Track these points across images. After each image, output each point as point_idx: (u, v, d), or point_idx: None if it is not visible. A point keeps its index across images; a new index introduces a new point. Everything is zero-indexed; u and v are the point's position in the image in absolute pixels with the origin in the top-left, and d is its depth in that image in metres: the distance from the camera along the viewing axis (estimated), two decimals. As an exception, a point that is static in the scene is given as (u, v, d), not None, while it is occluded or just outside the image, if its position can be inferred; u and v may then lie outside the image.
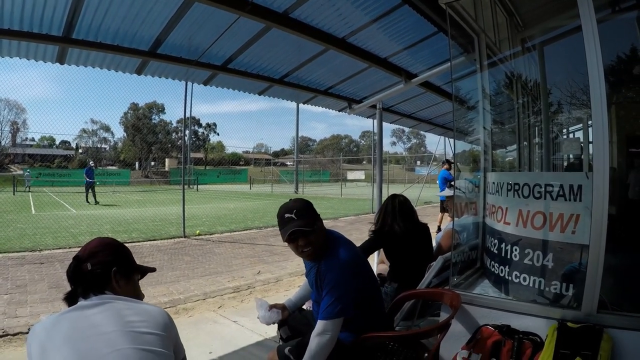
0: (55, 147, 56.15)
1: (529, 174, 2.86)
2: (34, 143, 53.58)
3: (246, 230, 10.42)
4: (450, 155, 17.13)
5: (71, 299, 1.38)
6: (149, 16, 3.04)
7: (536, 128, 3.23)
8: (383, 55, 4.42)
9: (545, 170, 2.94)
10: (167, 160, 52.98)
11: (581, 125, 3.09)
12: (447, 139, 15.10)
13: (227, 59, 3.95)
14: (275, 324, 2.37)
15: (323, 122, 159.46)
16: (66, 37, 3.06)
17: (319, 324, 1.87)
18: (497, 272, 2.29)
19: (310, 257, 2.01)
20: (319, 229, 1.98)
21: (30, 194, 22.62)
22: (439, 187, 9.89)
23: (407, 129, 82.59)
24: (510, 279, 2.16)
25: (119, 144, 54.43)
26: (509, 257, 2.18)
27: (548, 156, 3.07)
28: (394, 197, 3.21)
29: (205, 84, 4.46)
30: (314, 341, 1.84)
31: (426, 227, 3.17)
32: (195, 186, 31.81)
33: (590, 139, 2.82)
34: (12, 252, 7.15)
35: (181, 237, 9.00)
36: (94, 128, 52.90)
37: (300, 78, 4.82)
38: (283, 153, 79.97)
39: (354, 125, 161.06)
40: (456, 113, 3.17)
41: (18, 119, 45.85)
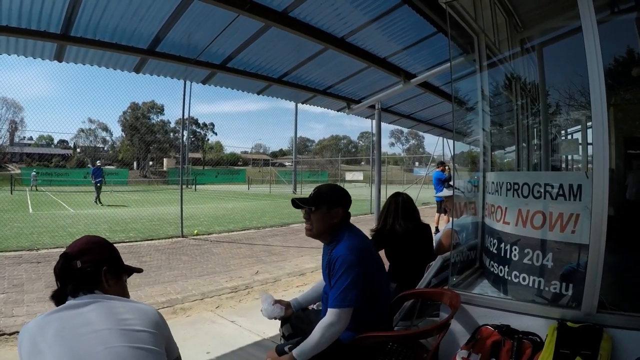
0: (53, 146, 56.00)
1: (528, 173, 2.86)
2: (32, 142, 53.43)
3: (244, 230, 10.39)
4: (448, 156, 17.19)
5: (59, 297, 1.36)
6: (148, 14, 3.03)
7: (535, 129, 3.23)
8: (382, 55, 4.42)
9: (544, 170, 2.94)
10: (165, 160, 52.94)
11: (579, 126, 3.09)
12: (445, 139, 15.15)
13: (226, 58, 3.94)
14: (278, 320, 2.36)
15: (322, 123, 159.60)
16: (64, 34, 3.06)
17: (329, 313, 1.83)
18: (496, 272, 2.28)
19: (308, 234, 2.11)
20: (322, 215, 2.05)
21: (28, 193, 22.51)
22: (434, 188, 9.92)
23: (405, 130, 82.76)
24: (509, 278, 2.16)
25: (117, 143, 54.32)
26: (508, 256, 2.17)
27: (547, 157, 3.07)
28: (397, 195, 3.18)
29: (204, 82, 4.45)
30: (320, 330, 1.80)
31: (427, 227, 3.16)
32: (194, 186, 31.81)
33: (589, 139, 2.84)
34: (9, 251, 7.11)
35: (179, 236, 8.97)
36: (92, 127, 52.80)
37: (299, 77, 4.82)
38: (281, 153, 79.96)
39: (352, 126, 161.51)
40: (456, 113, 3.18)
41: (16, 118, 45.65)
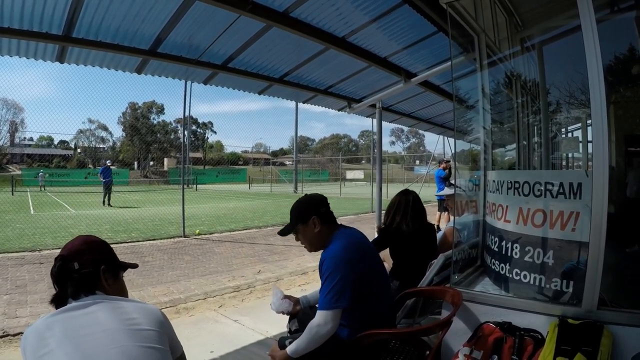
0: (53, 146, 56.03)
1: (529, 172, 2.86)
2: (32, 143, 53.46)
3: (246, 229, 10.42)
4: (449, 154, 17.22)
5: (59, 301, 1.34)
6: (150, 15, 3.04)
7: (535, 127, 3.24)
8: (383, 55, 4.43)
9: (544, 168, 2.95)
10: (165, 160, 52.96)
11: (580, 124, 3.10)
12: (446, 138, 15.18)
13: (227, 58, 3.96)
14: (286, 316, 2.39)
15: (322, 122, 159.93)
16: (66, 35, 3.07)
17: (317, 315, 1.87)
18: (497, 270, 2.30)
19: (309, 250, 2.17)
20: (304, 230, 2.11)
21: (29, 193, 22.55)
22: (436, 186, 9.94)
23: (406, 129, 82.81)
24: (510, 276, 2.17)
25: (118, 143, 54.37)
26: (509, 254, 2.19)
27: (547, 155, 3.08)
28: (407, 193, 3.14)
29: (205, 83, 4.46)
30: (309, 330, 1.85)
31: (432, 227, 3.15)
32: (194, 186, 31.82)
33: (589, 137, 2.85)
34: (12, 252, 7.13)
35: (181, 236, 8.99)
36: (92, 127, 52.82)
37: (300, 77, 4.84)
38: (282, 153, 79.97)
39: (353, 124, 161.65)
40: (457, 112, 3.19)
41: (16, 118, 45.69)
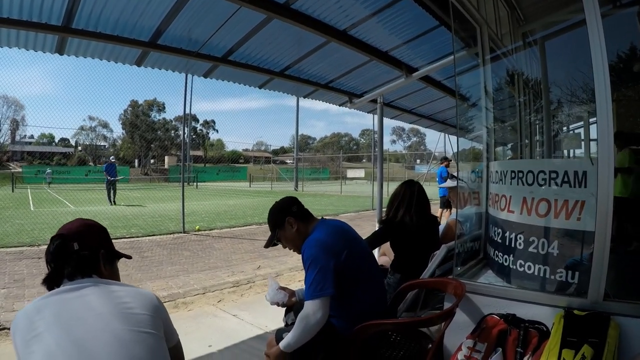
0: (54, 144, 56.03)
1: (533, 161, 2.82)
2: (32, 140, 53.47)
3: (246, 226, 10.41)
4: (450, 153, 17.21)
5: (53, 281, 1.29)
6: (150, 6, 3.01)
7: (537, 123, 3.20)
8: (384, 49, 4.40)
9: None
10: (166, 157, 52.95)
11: (582, 122, 3.08)
12: (447, 135, 15.15)
13: (227, 51, 3.92)
14: (282, 308, 2.35)
15: (323, 120, 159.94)
16: (66, 26, 3.04)
17: (305, 305, 1.84)
18: (501, 262, 2.27)
19: (297, 252, 2.09)
20: (284, 234, 2.10)
21: (29, 191, 22.54)
22: (438, 183, 9.93)
23: (407, 128, 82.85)
24: (514, 268, 2.14)
25: (119, 141, 54.37)
26: (513, 245, 2.16)
27: (549, 151, 3.05)
28: (411, 184, 3.03)
29: (205, 76, 4.42)
30: (299, 322, 1.81)
31: (435, 219, 3.09)
32: (195, 183, 31.82)
33: (592, 135, 2.83)
34: (10, 247, 7.12)
35: (180, 232, 8.99)
36: (92, 125, 52.78)
37: (301, 71, 4.80)
38: (282, 151, 79.94)
39: (353, 123, 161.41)
40: (459, 107, 3.16)
41: (17, 116, 45.66)
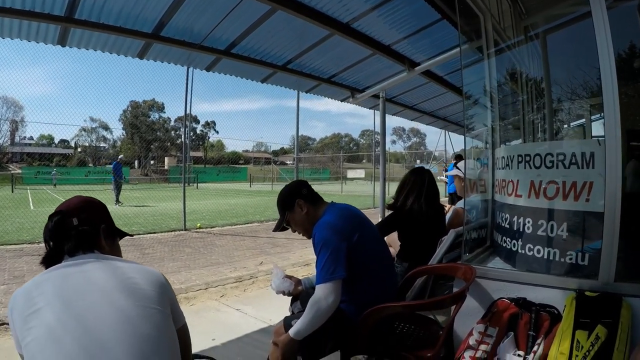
0: (54, 145, 55.97)
1: (540, 143, 2.79)
2: (32, 142, 53.40)
3: (248, 223, 10.38)
4: (450, 152, 17.21)
5: (52, 259, 1.23)
6: (153, -4, 3.00)
7: (540, 120, 3.19)
8: (387, 43, 4.39)
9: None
10: (166, 158, 52.90)
11: (584, 120, 3.07)
12: (448, 133, 15.16)
13: (230, 43, 3.91)
14: (286, 302, 2.33)
15: (323, 121, 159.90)
16: (69, 17, 3.02)
17: (317, 289, 1.80)
18: (509, 247, 2.25)
19: (307, 237, 2.08)
20: (294, 217, 2.10)
21: (29, 191, 22.49)
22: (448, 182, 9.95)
23: (407, 128, 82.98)
24: (523, 252, 2.12)
25: (118, 142, 54.32)
26: (521, 230, 2.14)
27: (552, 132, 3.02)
28: (422, 172, 2.91)
29: (208, 69, 4.41)
30: (310, 307, 1.77)
31: (442, 209, 3.04)
32: (195, 184, 31.78)
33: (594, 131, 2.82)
34: (10, 244, 7.12)
35: (182, 230, 8.96)
36: (93, 126, 52.74)
37: (303, 65, 4.79)
38: (282, 152, 79.84)
39: (354, 124, 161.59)
40: (462, 104, 3.14)
41: (16, 117, 45.60)
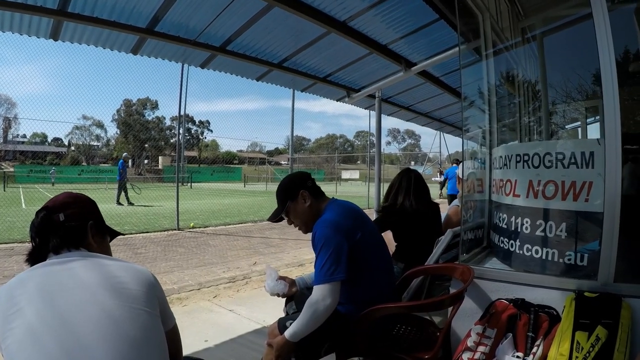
0: (47, 143, 55.44)
1: (539, 142, 2.78)
2: (25, 140, 52.87)
3: (241, 224, 10.31)
4: (445, 154, 17.28)
5: (37, 256, 1.18)
6: (148, -10, 2.95)
7: (536, 117, 3.18)
8: (383, 42, 4.37)
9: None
10: (160, 158, 52.55)
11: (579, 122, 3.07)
12: (442, 134, 15.22)
13: (226, 40, 3.86)
14: (280, 303, 2.28)
15: (318, 122, 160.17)
16: (61, 10, 2.96)
17: (314, 290, 1.74)
18: (506, 248, 2.22)
19: (304, 231, 2.01)
20: (294, 208, 2.00)
21: (22, 190, 22.23)
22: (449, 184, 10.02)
23: (402, 129, 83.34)
24: (521, 252, 2.10)
25: (112, 141, 53.94)
26: (519, 230, 2.12)
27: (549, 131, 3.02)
28: (409, 171, 3.02)
29: (202, 66, 4.35)
30: (307, 308, 1.71)
31: (437, 207, 3.04)
32: (189, 184, 31.63)
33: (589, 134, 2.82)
34: (1, 243, 7.00)
35: (175, 229, 8.87)
36: (87, 124, 52.33)
37: (299, 64, 4.76)
38: (277, 152, 79.77)
39: (349, 125, 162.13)
40: (459, 105, 3.13)
41: (9, 114, 45.14)
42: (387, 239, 3.08)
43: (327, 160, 56.14)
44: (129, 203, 14.71)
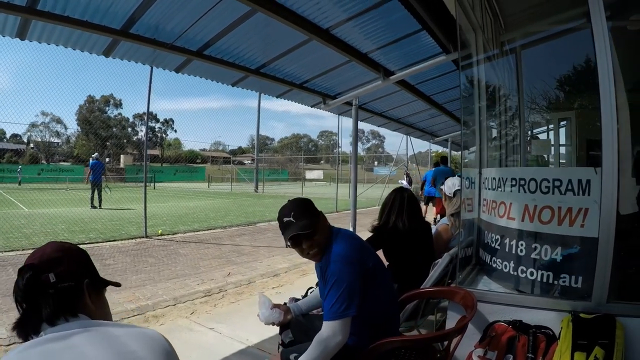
0: (5, 140, 51.77)
1: (536, 169, 2.82)
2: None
3: (210, 229, 10.03)
4: (410, 153, 17.64)
5: (28, 328, 0.99)
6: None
7: (513, 130, 3.23)
8: (364, 51, 4.36)
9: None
10: (122, 156, 50.39)
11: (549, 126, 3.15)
12: (410, 138, 15.48)
13: (204, 44, 3.71)
14: (276, 327, 2.20)
15: (282, 121, 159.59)
16: (30, 7, 2.73)
17: (325, 326, 1.69)
18: (499, 268, 2.26)
19: (317, 258, 1.87)
20: (321, 227, 1.85)
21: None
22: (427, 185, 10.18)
23: (366, 130, 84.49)
24: (515, 274, 2.14)
25: (73, 138, 51.24)
26: (514, 252, 2.16)
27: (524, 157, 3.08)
28: (402, 190, 3.01)
29: (177, 71, 4.17)
30: (318, 346, 1.66)
31: (429, 226, 3.05)
32: (152, 184, 30.54)
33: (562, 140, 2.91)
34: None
35: (143, 237, 8.48)
36: (45, 121, 49.33)
37: (277, 70, 4.67)
38: (240, 151, 78.63)
39: (313, 125, 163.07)
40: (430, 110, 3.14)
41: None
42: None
43: (290, 160, 55.96)
44: (94, 206, 13.92)
